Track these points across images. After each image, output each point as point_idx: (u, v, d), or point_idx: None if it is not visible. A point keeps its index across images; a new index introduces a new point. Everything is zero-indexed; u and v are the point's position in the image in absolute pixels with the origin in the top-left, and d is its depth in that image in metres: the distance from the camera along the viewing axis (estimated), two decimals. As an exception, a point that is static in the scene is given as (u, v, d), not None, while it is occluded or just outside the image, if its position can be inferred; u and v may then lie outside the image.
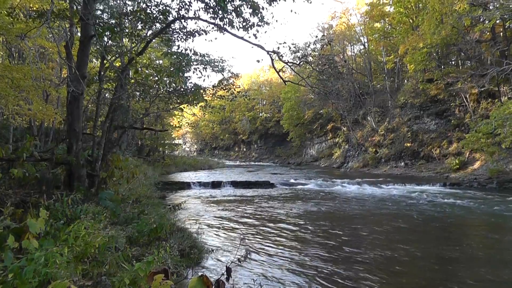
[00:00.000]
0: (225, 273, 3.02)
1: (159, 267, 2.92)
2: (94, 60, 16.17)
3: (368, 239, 8.91)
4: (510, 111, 17.64)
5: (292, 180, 23.79)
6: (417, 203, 14.46)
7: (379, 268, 6.66)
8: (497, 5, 21.42)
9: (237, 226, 10.33)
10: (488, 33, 27.96)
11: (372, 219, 11.73)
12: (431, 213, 12.38)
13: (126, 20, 10.39)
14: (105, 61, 10.90)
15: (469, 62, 31.91)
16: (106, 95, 16.41)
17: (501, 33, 27.52)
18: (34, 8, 12.68)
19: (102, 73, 10.72)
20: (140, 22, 10.16)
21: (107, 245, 5.11)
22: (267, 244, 8.31)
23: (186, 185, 20.04)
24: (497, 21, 24.83)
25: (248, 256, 6.68)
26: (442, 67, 31.67)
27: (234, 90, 14.45)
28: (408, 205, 14.02)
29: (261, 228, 10.12)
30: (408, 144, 32.28)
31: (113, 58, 11.97)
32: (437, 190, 18.65)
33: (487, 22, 24.23)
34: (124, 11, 10.31)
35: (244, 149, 78.82)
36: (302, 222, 10.93)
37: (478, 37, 27.85)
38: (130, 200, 9.76)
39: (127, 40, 12.80)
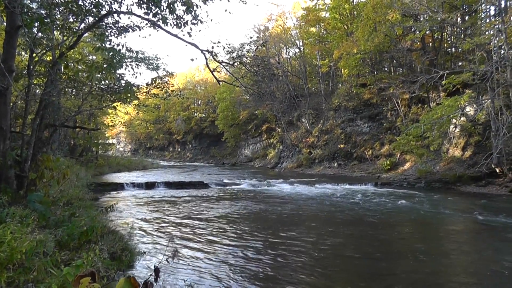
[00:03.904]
0: (154, 273, 3.06)
1: (86, 270, 2.89)
2: (22, 52, 15.15)
3: (299, 238, 9.21)
4: (438, 116, 18.99)
5: (226, 180, 24.04)
6: (349, 202, 15.21)
7: (310, 266, 6.96)
8: (427, 17, 23.03)
9: (170, 227, 10.36)
10: (418, 43, 30.03)
11: (304, 218, 12.17)
12: (362, 211, 13.08)
13: (57, 11, 9.90)
14: (34, 55, 10.32)
15: (400, 69, 33.83)
16: (36, 91, 15.49)
17: (430, 43, 29.70)
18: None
19: (31, 67, 10.14)
20: (71, 15, 9.76)
21: (34, 250, 4.91)
22: (199, 245, 8.46)
23: (119, 186, 19.60)
24: (427, 32, 26.79)
25: (177, 256, 6.71)
26: (375, 72, 33.36)
27: (169, 88, 14.24)
28: (340, 204, 14.70)
29: (193, 228, 10.24)
30: (342, 146, 33.67)
31: (43, 51, 11.31)
32: (369, 190, 19.69)
33: (417, 32, 26.03)
34: (55, 1, 9.76)
35: (179, 149, 77.77)
36: (234, 222, 11.16)
37: (409, 46, 29.77)
38: (60, 202, 9.34)
39: (58, 33, 12.21)
